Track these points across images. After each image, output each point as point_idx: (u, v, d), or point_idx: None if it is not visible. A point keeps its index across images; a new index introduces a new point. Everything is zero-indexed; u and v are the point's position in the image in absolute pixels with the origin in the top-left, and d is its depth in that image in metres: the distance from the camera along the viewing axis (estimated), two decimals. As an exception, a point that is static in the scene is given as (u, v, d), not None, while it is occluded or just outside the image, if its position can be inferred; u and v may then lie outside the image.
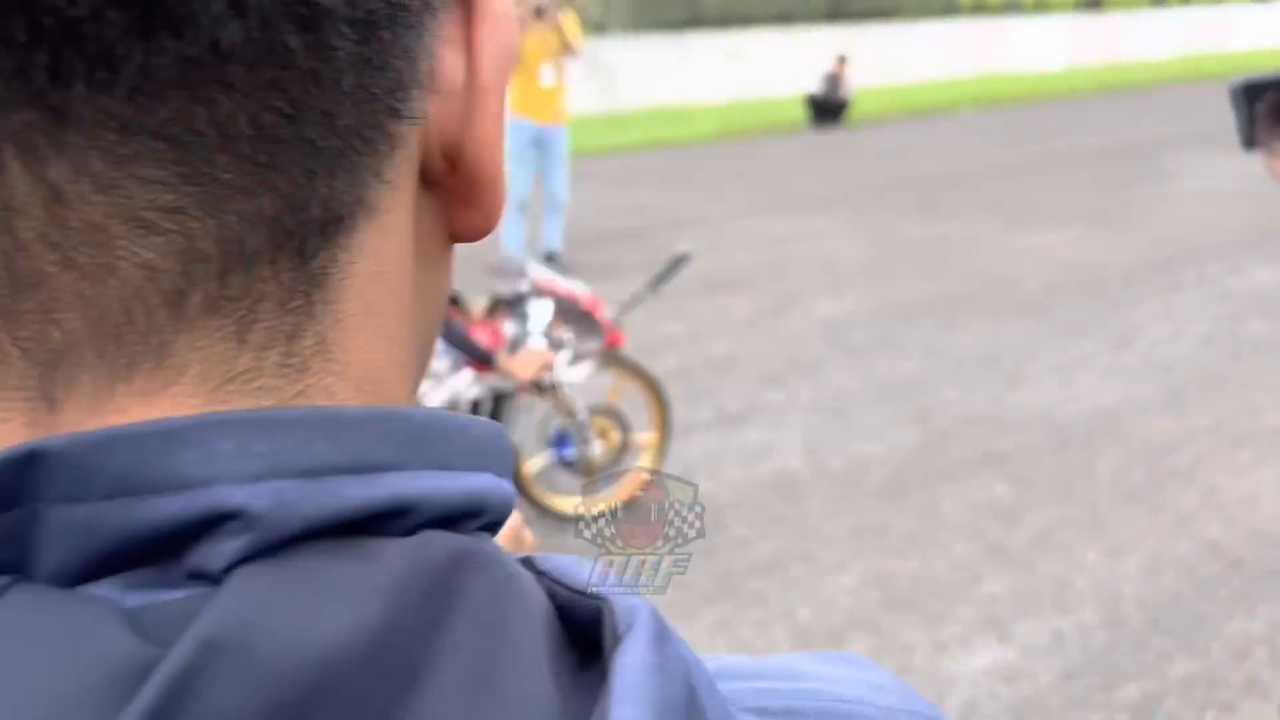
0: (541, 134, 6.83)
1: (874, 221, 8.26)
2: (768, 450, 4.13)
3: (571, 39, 6.65)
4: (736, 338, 5.51)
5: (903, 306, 5.95)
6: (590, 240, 7.92)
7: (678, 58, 16.71)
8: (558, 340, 3.30)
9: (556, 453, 3.55)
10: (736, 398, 4.68)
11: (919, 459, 4.00)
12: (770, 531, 3.49)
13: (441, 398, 3.12)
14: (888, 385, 4.76)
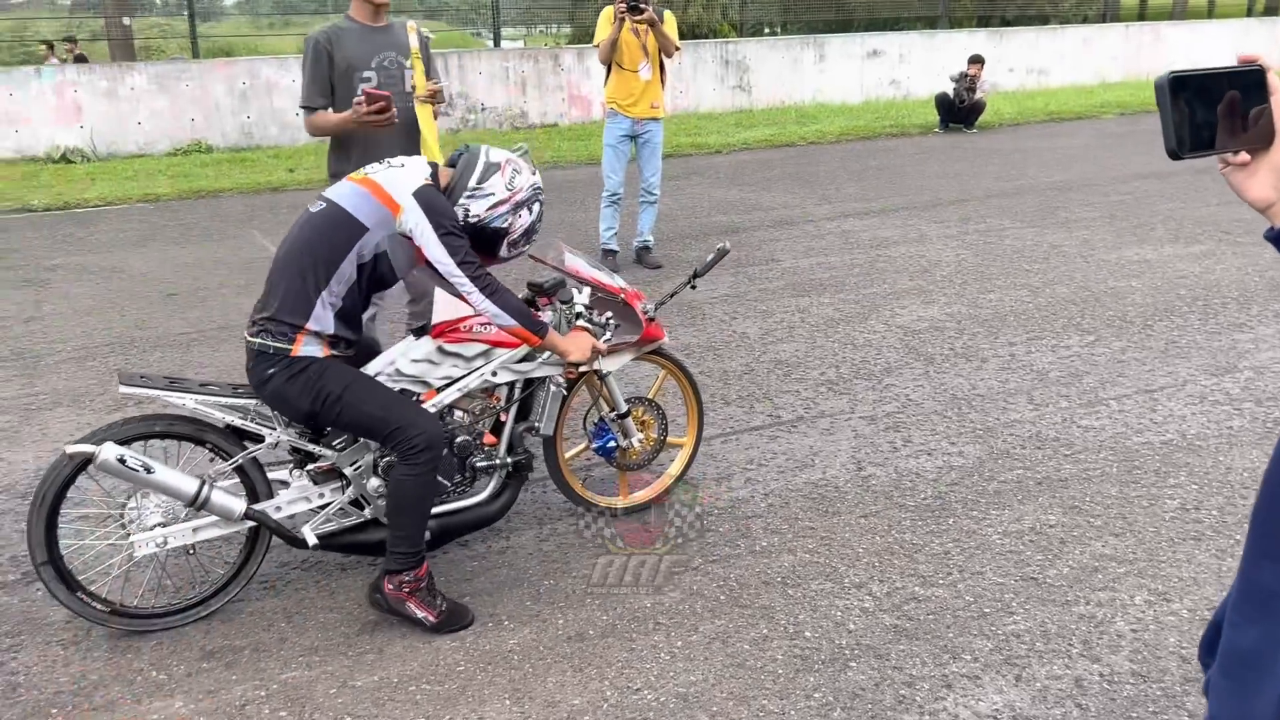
0: (638, 128, 6.77)
1: (982, 227, 7.88)
2: (813, 459, 3.96)
3: (670, 36, 6.56)
4: (809, 341, 5.33)
5: (992, 316, 5.65)
6: (686, 236, 7.82)
7: (814, 58, 16.40)
8: (600, 325, 3.22)
9: (597, 444, 3.48)
10: (795, 403, 4.52)
11: (971, 479, 3.76)
12: (795, 544, 3.34)
13: (473, 384, 3.07)
14: (956, 399, 4.51)
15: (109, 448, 2.67)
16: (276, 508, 2.95)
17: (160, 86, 12.26)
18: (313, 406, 2.78)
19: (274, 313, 2.78)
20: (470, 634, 2.90)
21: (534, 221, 3.06)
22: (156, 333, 5.65)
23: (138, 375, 2.87)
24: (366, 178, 2.90)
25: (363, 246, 2.81)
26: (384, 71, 3.84)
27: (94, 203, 9.54)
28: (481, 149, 3.02)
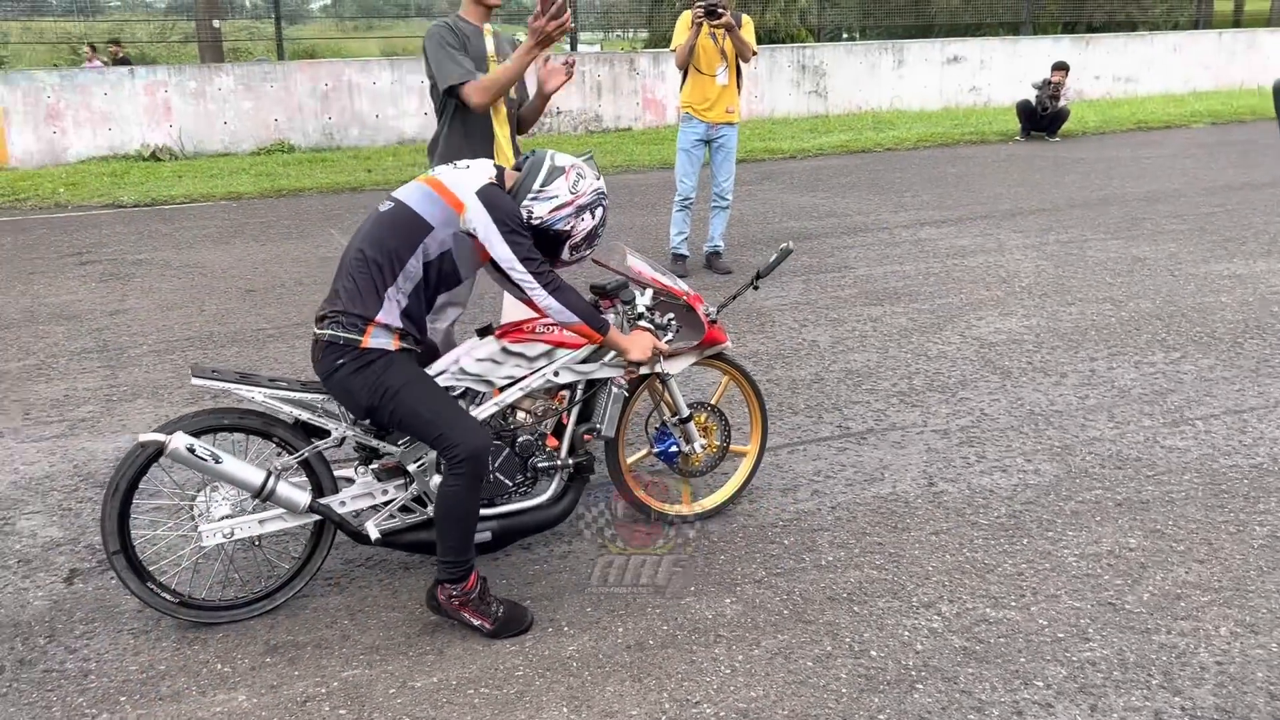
0: (712, 133, 6.73)
1: (1064, 238, 7.67)
2: (883, 472, 3.88)
3: (748, 41, 6.50)
4: (881, 351, 5.23)
5: (1073, 330, 5.48)
6: (757, 241, 7.75)
7: (892, 63, 16.18)
8: (662, 326, 3.19)
9: (659, 449, 3.45)
10: (865, 414, 4.43)
11: (1047, 498, 3.64)
12: (863, 560, 3.27)
13: (535, 384, 3.06)
14: (1033, 414, 4.38)
15: (180, 437, 2.73)
16: (341, 502, 2.98)
17: (246, 87, 12.56)
18: (371, 400, 2.80)
19: (344, 306, 2.81)
20: (530, 638, 2.89)
21: (596, 226, 3.05)
22: (234, 328, 5.76)
23: (210, 369, 2.92)
24: (432, 177, 2.94)
25: (428, 245, 2.83)
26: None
27: (179, 200, 9.79)
28: (547, 153, 3.02)
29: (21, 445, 4.21)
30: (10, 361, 5.24)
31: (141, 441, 2.76)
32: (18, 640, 2.90)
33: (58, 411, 4.56)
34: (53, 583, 3.20)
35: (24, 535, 3.49)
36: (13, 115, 11.64)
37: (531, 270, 2.81)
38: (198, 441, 2.75)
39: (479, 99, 3.67)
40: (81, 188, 10.24)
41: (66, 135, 11.92)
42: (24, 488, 3.84)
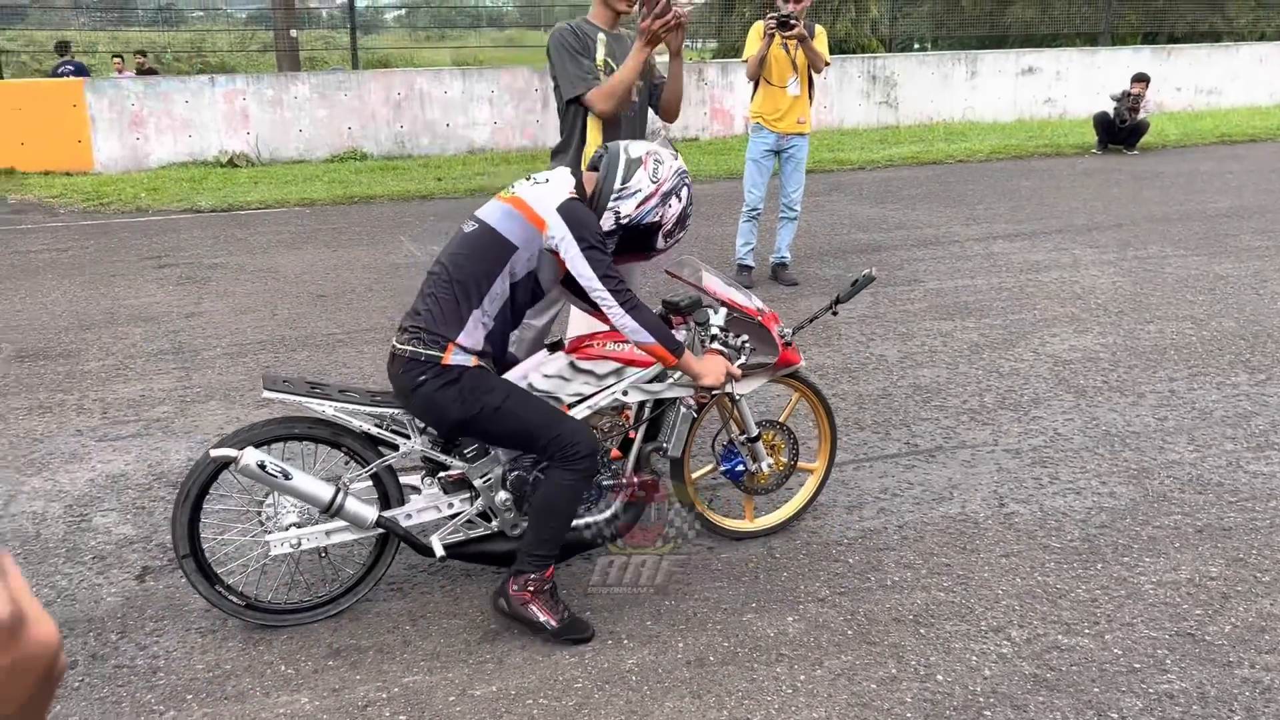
0: (782, 143, 6.69)
1: (1142, 254, 7.47)
2: (952, 491, 3.80)
3: (820, 52, 6.45)
4: (951, 366, 5.13)
5: (1152, 349, 5.33)
6: (826, 253, 7.68)
7: (965, 74, 15.95)
8: (735, 348, 3.14)
9: (725, 467, 3.40)
10: (934, 431, 4.35)
11: (1124, 522, 3.53)
12: (930, 581, 3.20)
13: (603, 402, 3.05)
14: (1109, 435, 4.26)
15: (250, 453, 2.75)
16: (406, 515, 2.99)
17: (321, 96, 12.80)
18: (464, 415, 2.81)
19: (425, 323, 2.83)
20: (589, 650, 2.87)
21: (685, 207, 3.01)
22: (305, 332, 5.86)
23: (281, 379, 2.94)
24: (514, 195, 2.92)
25: (514, 265, 2.84)
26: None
27: (254, 205, 10.00)
28: (620, 146, 2.99)
29: (99, 444, 4.32)
30: (91, 361, 5.38)
31: (213, 456, 2.79)
32: (91, 635, 2.97)
33: (134, 411, 4.67)
34: (125, 579, 3.27)
35: (99, 532, 3.58)
36: (99, 122, 12.01)
37: (610, 288, 2.78)
38: (268, 457, 2.77)
39: (603, 106, 3.62)
40: (162, 193, 10.52)
41: (149, 142, 12.26)
42: (101, 485, 3.93)
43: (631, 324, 2.81)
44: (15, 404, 4.77)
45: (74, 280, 7.09)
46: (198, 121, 12.41)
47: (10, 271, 7.37)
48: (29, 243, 8.38)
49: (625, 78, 3.59)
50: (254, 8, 22.11)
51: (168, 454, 4.21)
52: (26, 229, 9.01)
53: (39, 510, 3.73)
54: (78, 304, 6.49)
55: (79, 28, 21.93)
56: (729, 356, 3.07)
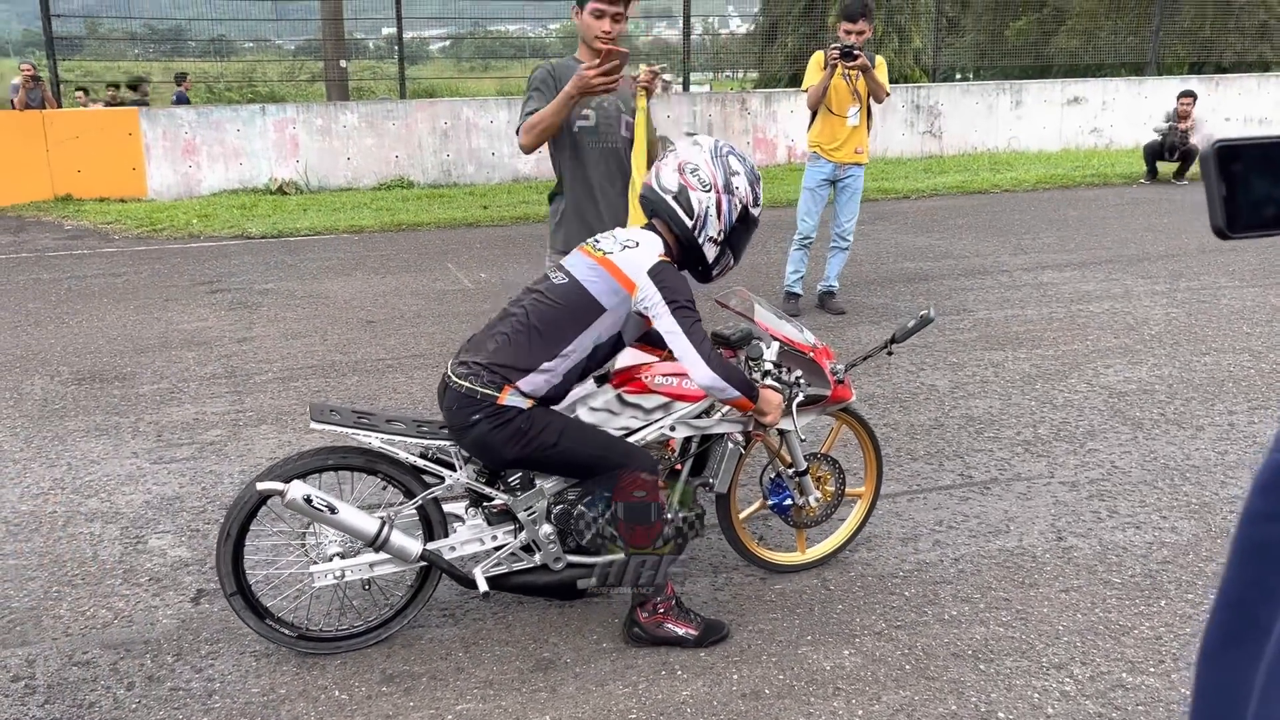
0: (839, 173, 6.68)
1: (1195, 284, 7.35)
2: (1008, 524, 3.73)
3: (881, 82, 6.44)
4: (1004, 397, 5.06)
5: (1209, 381, 5.23)
6: (874, 281, 7.64)
7: (1010, 104, 15.87)
8: (789, 384, 3.09)
9: (773, 500, 3.36)
10: (988, 462, 4.29)
11: (1186, 558, 3.45)
12: (988, 615, 3.14)
13: (650, 437, 3.03)
14: (1168, 469, 4.17)
15: (297, 486, 2.73)
16: (450, 548, 2.98)
17: (369, 125, 13.00)
18: (521, 454, 2.80)
19: (487, 360, 2.81)
20: (643, 681, 2.85)
21: (748, 174, 2.96)
22: (355, 358, 5.91)
23: (328, 409, 2.93)
24: (605, 257, 2.87)
25: (600, 326, 2.83)
26: (602, 112, 3.74)
27: (304, 232, 10.14)
28: (656, 187, 2.94)
29: (154, 466, 4.37)
30: (145, 385, 5.46)
31: (260, 490, 2.79)
32: (147, 657, 2.99)
33: (188, 434, 4.73)
34: (180, 601, 3.29)
35: (154, 554, 3.61)
36: (153, 151, 12.27)
37: (697, 346, 2.74)
38: (314, 491, 2.75)
39: (523, 139, 3.68)
40: (213, 219, 10.70)
41: (201, 169, 12.49)
42: (155, 507, 3.98)
43: (720, 383, 2.76)
44: (73, 426, 4.85)
45: (128, 305, 7.22)
46: (249, 150, 12.63)
47: (67, 296, 7.51)
48: (85, 268, 8.54)
49: (546, 117, 3.59)
50: (303, 38, 22.53)
51: (220, 477, 4.25)
52: (82, 254, 9.19)
53: (96, 532, 3.78)
54: (132, 328, 6.60)
55: (134, 59, 22.44)
56: (783, 393, 3.03)
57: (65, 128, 11.93)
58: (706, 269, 3.01)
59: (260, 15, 17.42)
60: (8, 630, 3.12)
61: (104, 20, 16.57)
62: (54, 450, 4.56)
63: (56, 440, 4.67)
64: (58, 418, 4.97)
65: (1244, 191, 0.98)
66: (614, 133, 3.77)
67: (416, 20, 15.21)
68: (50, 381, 5.54)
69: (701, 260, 2.98)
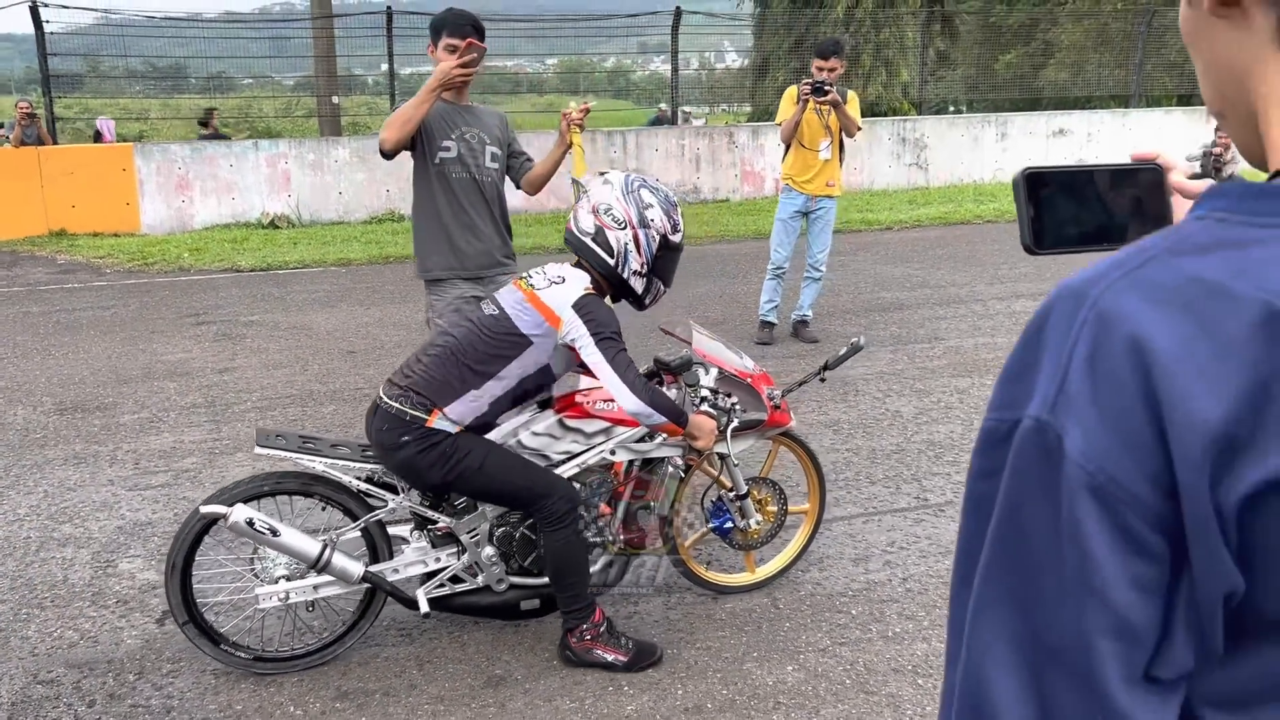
0: (811, 205, 6.82)
1: (1165, 312, 7.46)
2: (958, 545, 3.81)
3: (853, 117, 6.59)
4: (966, 423, 5.16)
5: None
6: (850, 310, 7.75)
7: (995, 135, 16.09)
8: (724, 410, 3.18)
9: (714, 524, 3.43)
10: (944, 485, 4.38)
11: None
12: (930, 633, 3.22)
13: (591, 460, 3.11)
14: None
15: (240, 510, 2.80)
16: (394, 569, 3.06)
17: (361, 159, 13.18)
18: (445, 478, 2.87)
19: (416, 385, 2.89)
20: (589, 697, 2.93)
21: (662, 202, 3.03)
22: (333, 387, 6.01)
23: (274, 434, 3.02)
24: (533, 293, 2.96)
25: (525, 359, 2.91)
26: (464, 143, 3.96)
27: (293, 265, 10.28)
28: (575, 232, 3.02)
29: (129, 493, 4.46)
30: (127, 414, 5.56)
31: (203, 513, 2.85)
32: (110, 675, 3.07)
33: (164, 462, 4.82)
34: (146, 623, 3.37)
35: (124, 577, 3.70)
36: (147, 186, 12.44)
37: (619, 372, 2.82)
38: (257, 514, 2.82)
39: (383, 134, 3.81)
40: (204, 253, 10.85)
41: (194, 204, 12.66)
42: (128, 533, 4.07)
43: (645, 409, 2.84)
44: (52, 454, 4.95)
45: (115, 337, 7.33)
46: (241, 184, 12.81)
47: (55, 329, 7.63)
48: (74, 301, 8.67)
49: (407, 110, 3.77)
50: (300, 74, 22.82)
51: (193, 503, 4.31)
52: (73, 288, 9.32)
53: (68, 556, 3.87)
54: (117, 360, 6.71)
55: (133, 95, 22.69)
56: (716, 418, 3.11)
57: (60, 164, 12.11)
58: (639, 299, 3.11)
59: (259, 53, 17.66)
60: (-25, 650, 3.21)
61: (104, 58, 16.81)
62: (32, 478, 4.65)
63: (35, 469, 4.77)
64: (38, 447, 5.07)
65: (1049, 213, 1.10)
66: (477, 163, 3.98)
67: (410, 56, 15.45)
68: (33, 412, 5.64)
69: (631, 292, 3.08)
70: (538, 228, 12.32)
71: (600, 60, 28.00)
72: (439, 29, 3.92)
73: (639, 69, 28.89)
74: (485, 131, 4.02)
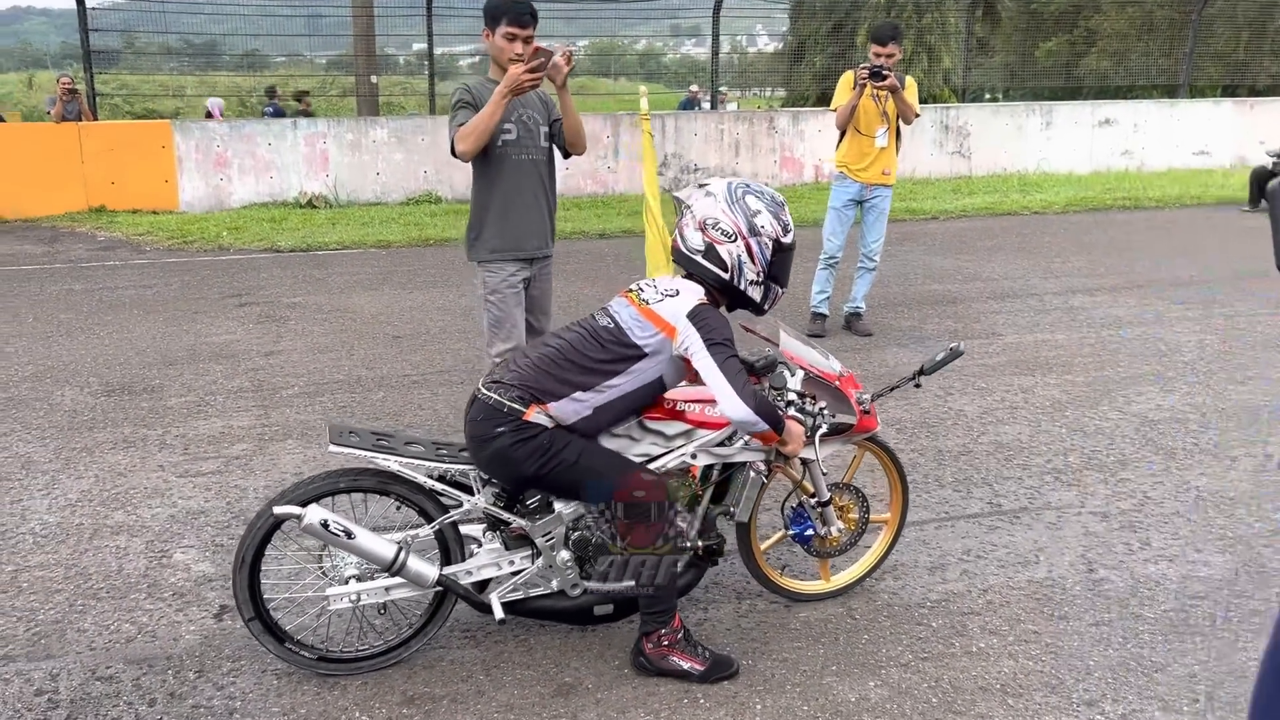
0: (866, 193, 6.65)
1: (1229, 311, 7.26)
2: (1038, 555, 3.68)
3: (911, 103, 6.42)
4: (1033, 424, 5.00)
5: (1243, 411, 5.14)
6: (901, 303, 7.59)
7: (1040, 125, 15.78)
8: (812, 414, 3.05)
9: (794, 531, 3.30)
10: (1017, 490, 4.23)
11: (1221, 594, 3.38)
12: (1018, 649, 3.08)
13: (670, 464, 2.99)
14: (1202, 500, 4.10)
15: (314, 510, 2.71)
16: (467, 572, 2.96)
17: (399, 140, 13.08)
18: (540, 471, 2.78)
19: (520, 380, 2.81)
20: (665, 709, 2.81)
21: (771, 208, 2.94)
22: (381, 373, 5.92)
23: (347, 431, 2.92)
24: (647, 307, 2.87)
25: (640, 370, 2.83)
26: (522, 125, 3.99)
27: (332, 246, 10.21)
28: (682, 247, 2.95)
29: (180, 480, 4.39)
30: (174, 397, 5.49)
31: (277, 514, 2.76)
32: (169, 673, 2.98)
33: (214, 448, 4.74)
34: (203, 618, 3.29)
35: (179, 568, 3.62)
36: (185, 163, 12.40)
37: (729, 378, 2.72)
38: (331, 515, 2.74)
39: (461, 146, 3.82)
40: (243, 232, 10.79)
41: (232, 182, 12.61)
42: (180, 521, 3.99)
43: (752, 417, 2.73)
44: (101, 438, 4.88)
45: (158, 317, 7.28)
46: (279, 163, 12.74)
47: (98, 307, 7.59)
48: (116, 279, 8.63)
49: (483, 121, 3.77)
50: (334, 53, 22.76)
51: (245, 492, 4.26)
52: (114, 265, 9.29)
53: (122, 545, 3.79)
54: (161, 340, 6.65)
55: (169, 72, 22.71)
56: (805, 425, 2.99)
57: (100, 140, 12.08)
58: (757, 306, 3.00)
59: (294, 30, 17.59)
60: (33, 643, 3.13)
61: (141, 34, 16.80)
62: (82, 462, 4.58)
63: (85, 452, 4.70)
64: (86, 429, 5.01)
65: None
66: (535, 143, 4.03)
67: (447, 37, 15.32)
68: (80, 393, 5.58)
69: (749, 302, 2.98)
70: (575, 212, 12.20)
71: (630, 43, 27.79)
72: (497, 15, 3.89)
73: (670, 52, 28.65)
74: (537, 111, 4.06)
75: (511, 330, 4.11)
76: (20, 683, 2.93)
